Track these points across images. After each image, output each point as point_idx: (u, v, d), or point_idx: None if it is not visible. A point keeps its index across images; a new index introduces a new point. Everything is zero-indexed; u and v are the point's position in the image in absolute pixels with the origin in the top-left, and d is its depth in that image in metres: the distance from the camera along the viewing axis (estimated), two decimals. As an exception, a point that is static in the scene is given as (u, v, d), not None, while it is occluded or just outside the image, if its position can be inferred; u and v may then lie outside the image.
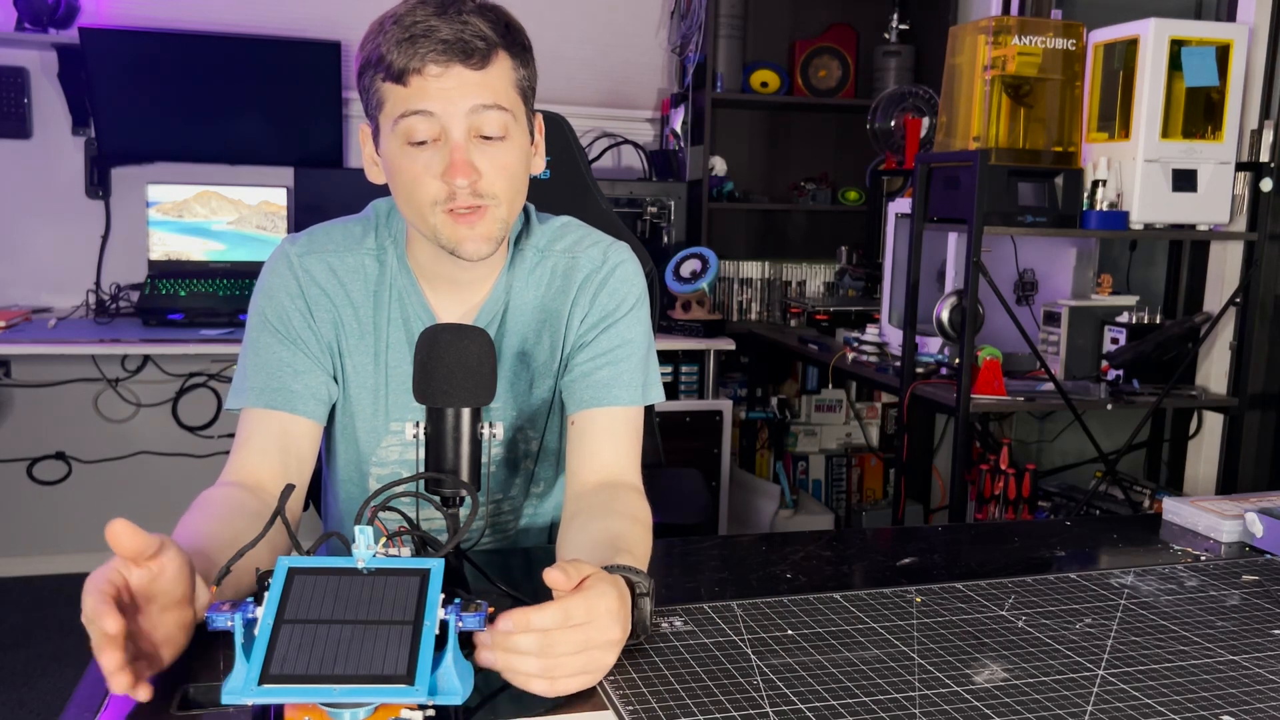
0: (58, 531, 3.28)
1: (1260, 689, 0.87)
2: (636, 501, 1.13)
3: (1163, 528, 1.32)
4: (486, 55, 1.05)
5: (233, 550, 0.80)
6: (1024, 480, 2.32)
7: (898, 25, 3.64)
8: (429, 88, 1.04)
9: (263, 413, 1.13)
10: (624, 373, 1.20)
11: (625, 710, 0.79)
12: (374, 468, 1.23)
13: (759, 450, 3.58)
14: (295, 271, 1.17)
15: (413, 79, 1.04)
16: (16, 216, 3.20)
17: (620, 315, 1.22)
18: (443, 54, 1.03)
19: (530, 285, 1.22)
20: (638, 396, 1.21)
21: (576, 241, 1.24)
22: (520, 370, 1.22)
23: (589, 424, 1.19)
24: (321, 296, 1.17)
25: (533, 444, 1.26)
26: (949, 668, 0.88)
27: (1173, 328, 2.29)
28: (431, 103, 1.04)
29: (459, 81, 1.04)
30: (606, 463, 1.17)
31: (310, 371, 1.15)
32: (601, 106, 3.62)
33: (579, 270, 1.22)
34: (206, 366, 3.35)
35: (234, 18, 3.25)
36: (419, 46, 1.03)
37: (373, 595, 0.73)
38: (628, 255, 1.25)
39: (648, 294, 1.27)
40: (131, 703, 0.78)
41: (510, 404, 1.22)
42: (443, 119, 1.05)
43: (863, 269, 3.43)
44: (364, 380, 1.20)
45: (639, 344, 1.22)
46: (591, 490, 1.15)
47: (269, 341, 1.15)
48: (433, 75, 1.04)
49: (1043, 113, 2.26)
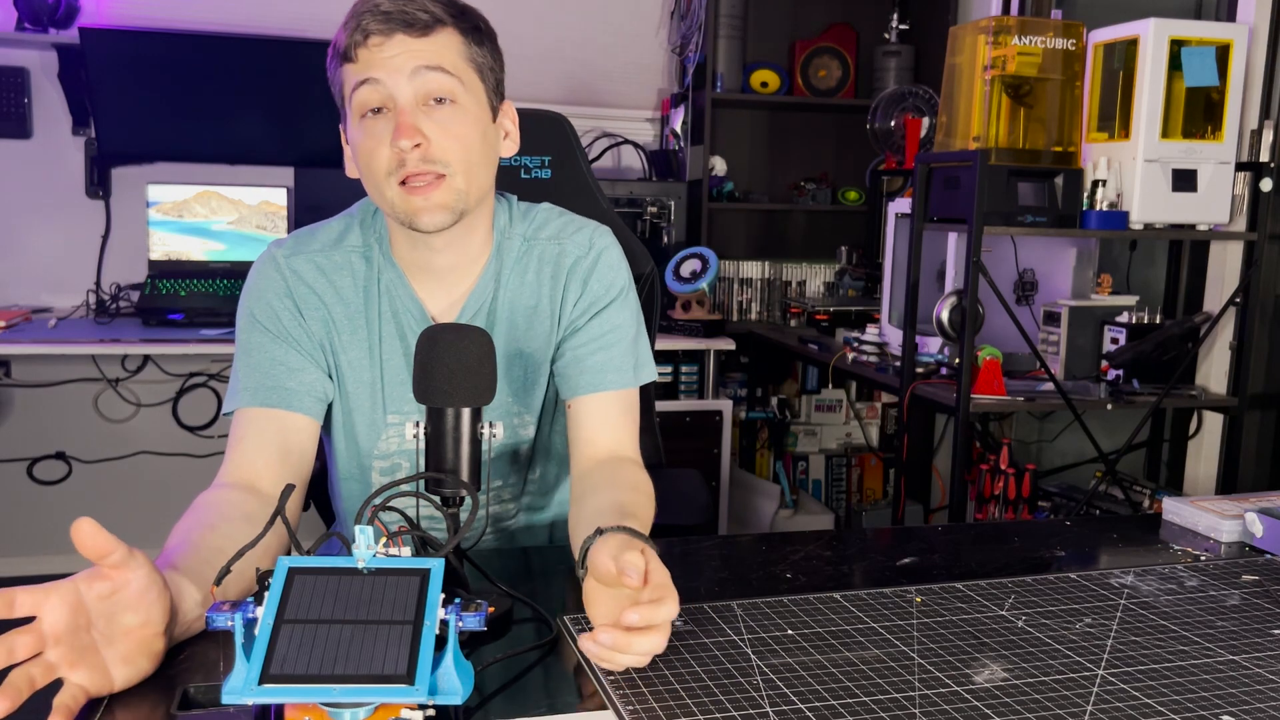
0: (58, 531, 3.27)
1: (1260, 689, 0.87)
2: (636, 473, 1.17)
3: (1163, 528, 1.32)
4: (429, 26, 1.08)
5: (225, 557, 0.79)
6: (1024, 480, 2.32)
7: (898, 25, 3.64)
8: (374, 57, 1.07)
9: (259, 411, 1.13)
10: (615, 357, 1.22)
11: (625, 710, 0.79)
12: (376, 461, 1.24)
13: (759, 450, 3.58)
14: (283, 272, 1.18)
15: (359, 52, 1.08)
16: (16, 216, 3.20)
17: (609, 300, 1.24)
18: (383, 23, 1.07)
19: (518, 274, 1.23)
20: (630, 379, 1.24)
21: (561, 228, 1.25)
22: (513, 359, 1.23)
23: (585, 409, 1.21)
24: (310, 295, 1.17)
25: (529, 432, 1.27)
26: (949, 668, 0.88)
27: (1173, 328, 2.29)
28: (376, 70, 1.07)
29: (402, 48, 1.07)
30: (606, 442, 1.21)
31: (305, 369, 1.16)
32: (602, 106, 3.62)
33: (567, 257, 1.24)
34: (206, 366, 3.35)
35: (235, 18, 3.25)
36: (362, 20, 1.07)
37: (373, 595, 0.73)
38: (611, 239, 1.27)
39: (631, 274, 1.28)
40: (132, 702, 0.78)
41: (505, 391, 1.23)
42: (388, 84, 1.07)
43: (863, 269, 3.43)
44: (360, 375, 1.20)
45: (628, 327, 1.25)
46: (593, 469, 1.18)
47: (261, 341, 1.16)
48: (374, 45, 1.07)
49: (1043, 113, 2.26)
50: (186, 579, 0.86)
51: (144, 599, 0.77)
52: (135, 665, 0.78)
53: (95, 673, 0.76)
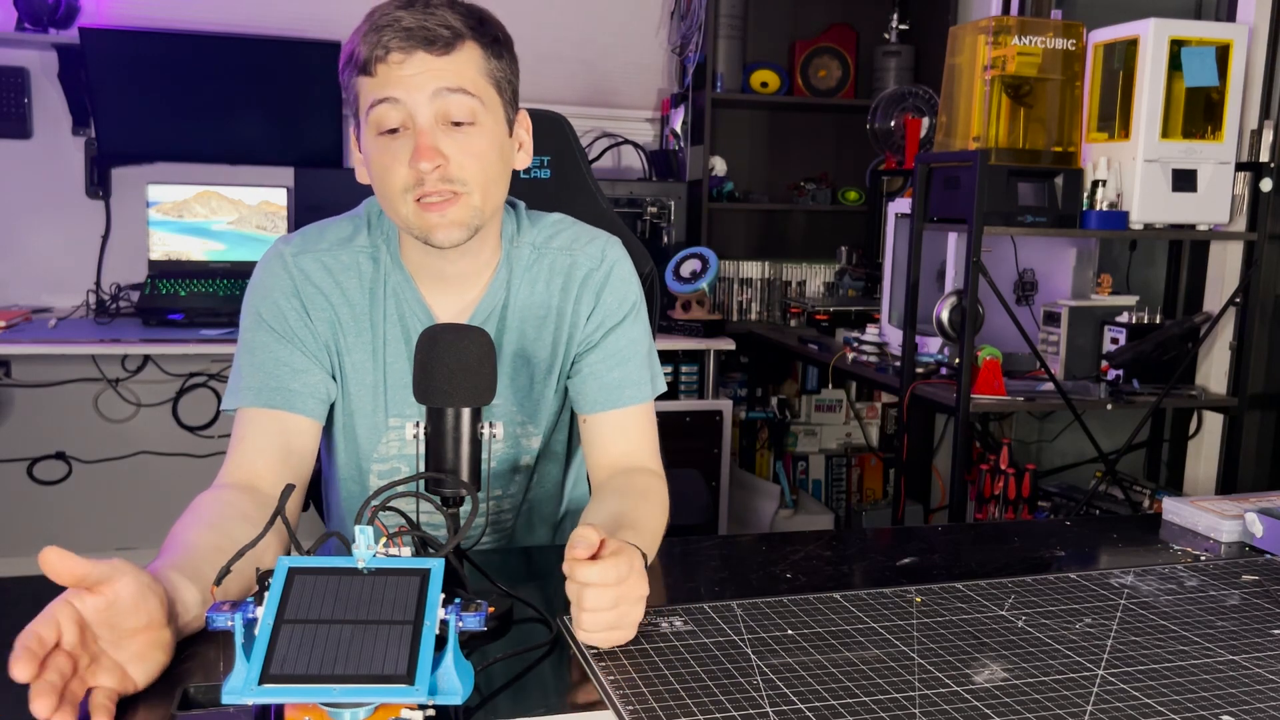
0: (58, 531, 3.27)
1: (1260, 689, 0.87)
2: (649, 482, 1.17)
3: (1163, 528, 1.32)
4: (451, 43, 1.07)
5: (224, 557, 0.79)
6: (1024, 480, 2.32)
7: (898, 25, 3.64)
8: (393, 75, 1.06)
9: (260, 412, 1.13)
10: (632, 372, 1.23)
11: (625, 710, 0.79)
12: (375, 464, 1.24)
13: (759, 450, 3.58)
14: (290, 270, 1.17)
15: (379, 68, 1.06)
16: (16, 216, 3.20)
17: (624, 316, 1.24)
18: (405, 40, 1.05)
19: (528, 282, 1.22)
20: (647, 392, 1.24)
21: (574, 239, 1.25)
22: (520, 367, 1.23)
23: (603, 425, 1.22)
24: (317, 295, 1.17)
25: (534, 440, 1.27)
26: (949, 668, 0.88)
27: (1173, 328, 2.29)
28: (396, 89, 1.06)
29: (423, 67, 1.06)
30: (623, 453, 1.21)
31: (309, 370, 1.15)
32: (602, 106, 3.62)
33: (579, 268, 1.23)
34: (206, 366, 3.35)
35: (234, 18, 3.25)
36: (383, 35, 1.05)
37: (373, 595, 0.73)
38: (622, 251, 1.27)
39: (641, 286, 1.29)
40: (131, 702, 0.78)
41: (510, 400, 1.23)
42: (408, 105, 1.06)
43: (863, 269, 3.43)
44: (363, 378, 1.20)
45: (642, 342, 1.26)
46: (608, 479, 1.19)
47: (266, 340, 1.15)
48: (396, 62, 1.06)
49: (1043, 113, 2.26)
50: (182, 576, 0.86)
51: (140, 604, 0.78)
52: (151, 660, 0.80)
53: (115, 674, 0.77)
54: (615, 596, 0.87)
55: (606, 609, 0.87)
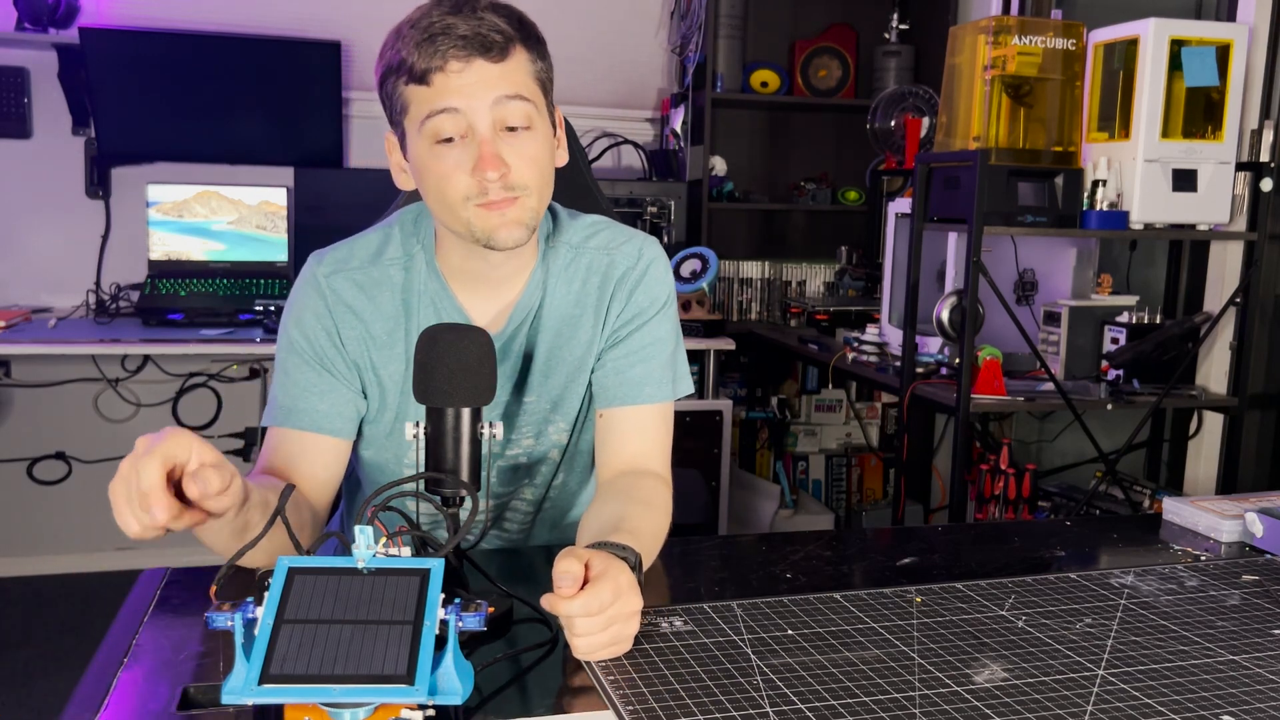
0: (58, 531, 3.27)
1: (1260, 689, 0.87)
2: (654, 486, 1.16)
3: (1163, 528, 1.32)
4: (505, 48, 1.06)
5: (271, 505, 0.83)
6: (1024, 480, 2.32)
7: (898, 25, 3.64)
8: (451, 84, 1.05)
9: (289, 432, 1.15)
10: (654, 370, 1.22)
11: (625, 710, 0.79)
12: (405, 469, 1.24)
13: (759, 450, 3.58)
14: (323, 292, 1.18)
15: (435, 77, 1.05)
16: (16, 216, 3.20)
17: (653, 313, 1.23)
18: (463, 49, 1.04)
19: (564, 282, 1.22)
20: (668, 392, 1.24)
21: (611, 239, 1.25)
22: (554, 366, 1.22)
23: (618, 420, 1.21)
24: (348, 314, 1.17)
25: (564, 438, 1.27)
26: (949, 668, 0.88)
27: (1173, 328, 2.28)
28: (455, 99, 1.05)
29: (481, 76, 1.05)
30: (634, 454, 1.20)
31: (335, 390, 1.16)
32: (601, 106, 3.62)
33: (616, 268, 1.23)
34: (206, 366, 3.35)
35: (234, 18, 3.25)
36: (439, 44, 1.04)
37: (373, 595, 0.73)
38: (659, 250, 1.27)
39: (674, 285, 1.28)
40: (132, 702, 0.78)
41: (543, 398, 1.23)
42: (468, 114, 1.05)
43: (863, 269, 3.42)
44: (403, 385, 1.20)
45: (668, 340, 1.25)
46: (614, 479, 1.18)
47: (296, 363, 1.17)
48: (454, 71, 1.05)
49: (1043, 113, 2.26)
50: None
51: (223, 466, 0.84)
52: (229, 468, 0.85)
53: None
54: (606, 619, 0.86)
55: (598, 632, 0.87)
